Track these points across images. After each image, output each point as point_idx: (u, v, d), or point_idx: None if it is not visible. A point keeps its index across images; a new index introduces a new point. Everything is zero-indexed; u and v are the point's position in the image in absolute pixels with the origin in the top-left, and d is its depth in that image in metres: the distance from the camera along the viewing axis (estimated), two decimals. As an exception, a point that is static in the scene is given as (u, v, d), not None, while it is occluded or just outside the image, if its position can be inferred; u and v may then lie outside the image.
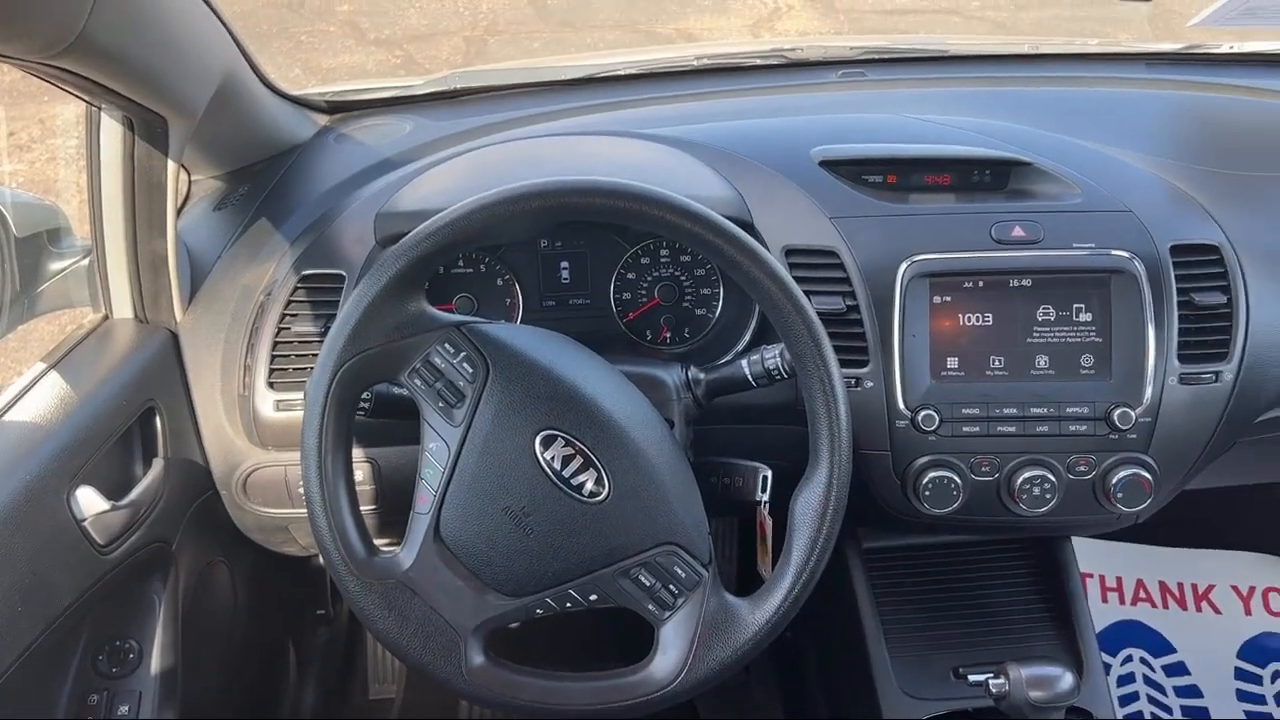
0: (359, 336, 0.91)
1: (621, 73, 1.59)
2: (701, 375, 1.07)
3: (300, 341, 1.18)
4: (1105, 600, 1.85)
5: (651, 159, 1.26)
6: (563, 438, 0.91)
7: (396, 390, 0.98)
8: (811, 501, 0.93)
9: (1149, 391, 1.15)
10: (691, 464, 1.07)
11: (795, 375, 0.96)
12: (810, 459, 0.95)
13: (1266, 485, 1.58)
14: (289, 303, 1.19)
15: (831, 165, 1.25)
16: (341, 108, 1.54)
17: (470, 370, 0.91)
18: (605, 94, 1.54)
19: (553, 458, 0.90)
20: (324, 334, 0.93)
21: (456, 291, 1.25)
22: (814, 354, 0.93)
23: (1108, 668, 1.76)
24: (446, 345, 0.92)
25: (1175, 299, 1.16)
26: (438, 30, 5.77)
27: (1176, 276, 1.16)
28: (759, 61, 1.62)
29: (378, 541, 0.97)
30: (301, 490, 0.93)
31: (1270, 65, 1.64)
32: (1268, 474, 1.50)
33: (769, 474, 1.04)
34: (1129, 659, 1.77)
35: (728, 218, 1.14)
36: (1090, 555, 1.86)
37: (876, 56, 1.62)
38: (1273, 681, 1.74)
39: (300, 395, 1.15)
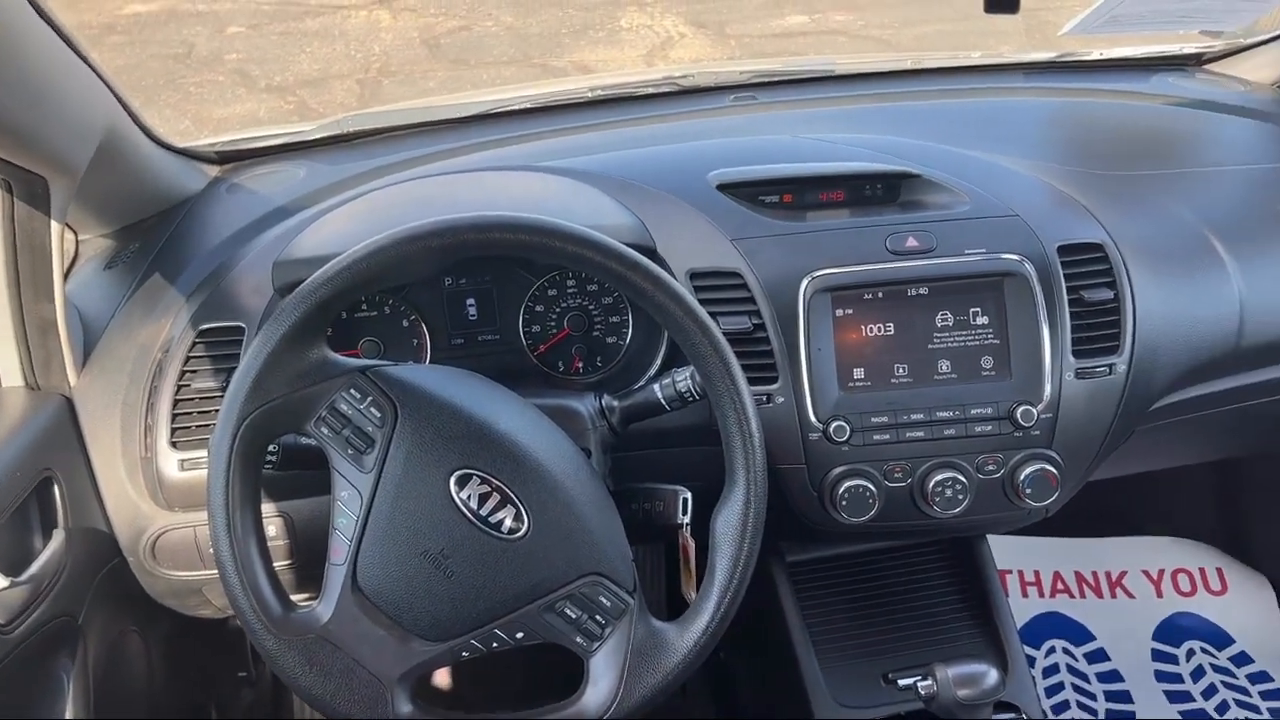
0: (260, 388, 0.89)
1: (516, 107, 1.60)
2: (615, 402, 1.07)
3: (202, 398, 1.15)
4: (1025, 595, 1.89)
5: (551, 191, 1.27)
6: (478, 476, 0.90)
7: (304, 440, 0.96)
8: (731, 520, 0.94)
9: (1048, 388, 1.19)
10: (611, 492, 1.07)
11: (707, 396, 0.97)
12: (726, 478, 0.95)
13: (1166, 470, 1.65)
14: (188, 359, 1.16)
15: (729, 188, 1.27)
16: (232, 157, 1.52)
17: (378, 415, 0.90)
18: (502, 129, 1.54)
19: (469, 497, 0.89)
20: (226, 389, 0.91)
21: (361, 336, 1.23)
22: (722, 374, 0.94)
23: (1033, 660, 1.80)
24: (352, 391, 0.91)
25: (1065, 297, 1.20)
26: (330, 74, 5.72)
27: (1065, 275, 1.21)
28: (652, 90, 1.64)
29: (298, 597, 0.95)
30: (212, 550, 0.90)
31: (1138, 69, 1.72)
32: (1165, 459, 1.56)
33: (689, 496, 1.05)
34: (1052, 650, 1.81)
35: (630, 245, 1.14)
36: (1008, 552, 1.91)
37: (767, 79, 1.66)
38: (1188, 660, 1.80)
39: (205, 453, 1.12)
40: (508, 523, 0.90)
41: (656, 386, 1.05)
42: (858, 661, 1.32)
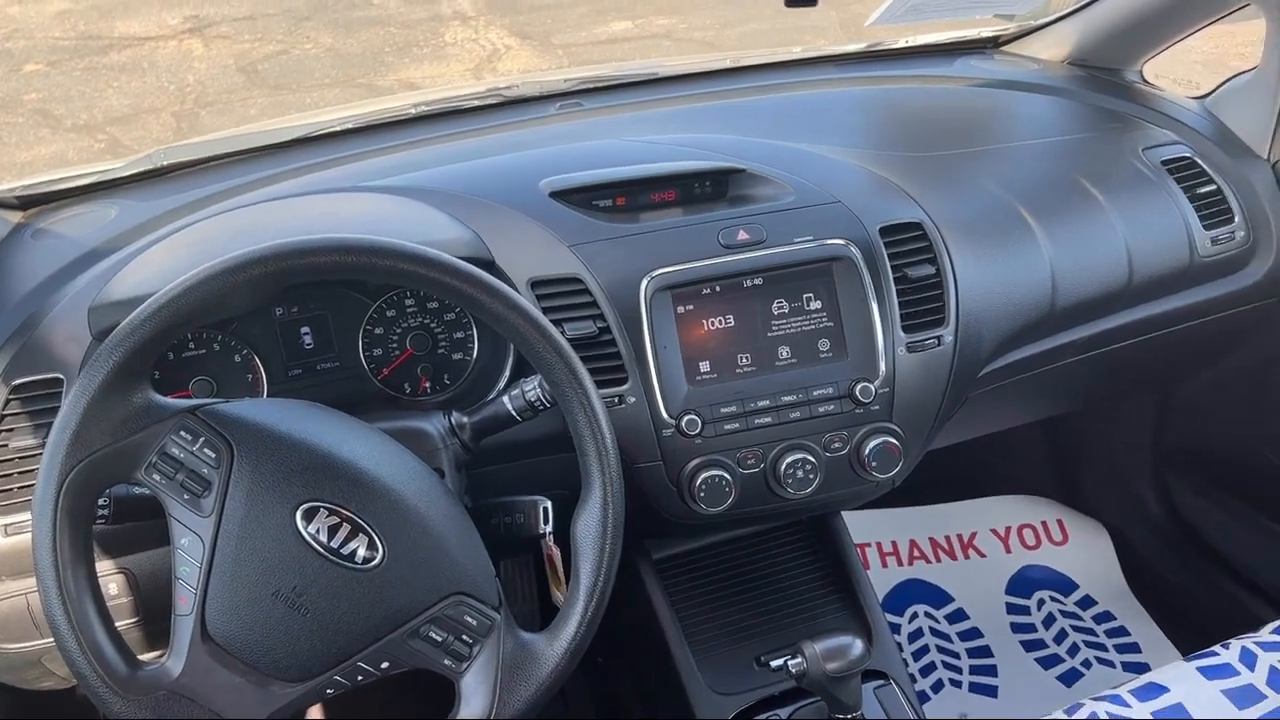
0: (81, 440, 0.84)
1: (339, 129, 1.56)
2: (465, 419, 1.06)
3: (21, 457, 1.08)
4: (885, 565, 1.96)
5: (381, 210, 1.24)
6: (325, 508, 0.87)
7: (137, 490, 0.91)
8: (590, 524, 0.94)
9: (883, 364, 1.24)
10: (470, 508, 1.06)
11: (558, 403, 0.97)
12: (583, 482, 0.96)
13: (1004, 432, 1.73)
14: (3, 418, 1.09)
15: (561, 195, 1.27)
16: (36, 201, 1.43)
17: (212, 455, 0.86)
18: (325, 152, 1.50)
19: (317, 530, 0.87)
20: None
21: (192, 375, 1.18)
22: (569, 379, 0.94)
23: (898, 627, 1.87)
24: (182, 433, 0.87)
25: (891, 276, 1.25)
26: (142, 109, 5.46)
27: (889, 255, 1.26)
28: (478, 102, 1.63)
29: (149, 654, 0.90)
30: (46, 616, 0.85)
31: (941, 54, 1.81)
32: (999, 421, 1.64)
33: (549, 505, 1.05)
34: (915, 616, 1.89)
35: (468, 258, 1.13)
36: (866, 525, 1.98)
37: (592, 85, 1.67)
38: (1039, 609, 1.90)
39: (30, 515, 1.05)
40: (361, 552, 0.87)
41: (506, 398, 1.04)
42: (731, 648, 1.34)
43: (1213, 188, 1.47)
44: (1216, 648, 1.30)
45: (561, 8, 6.84)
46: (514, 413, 1.04)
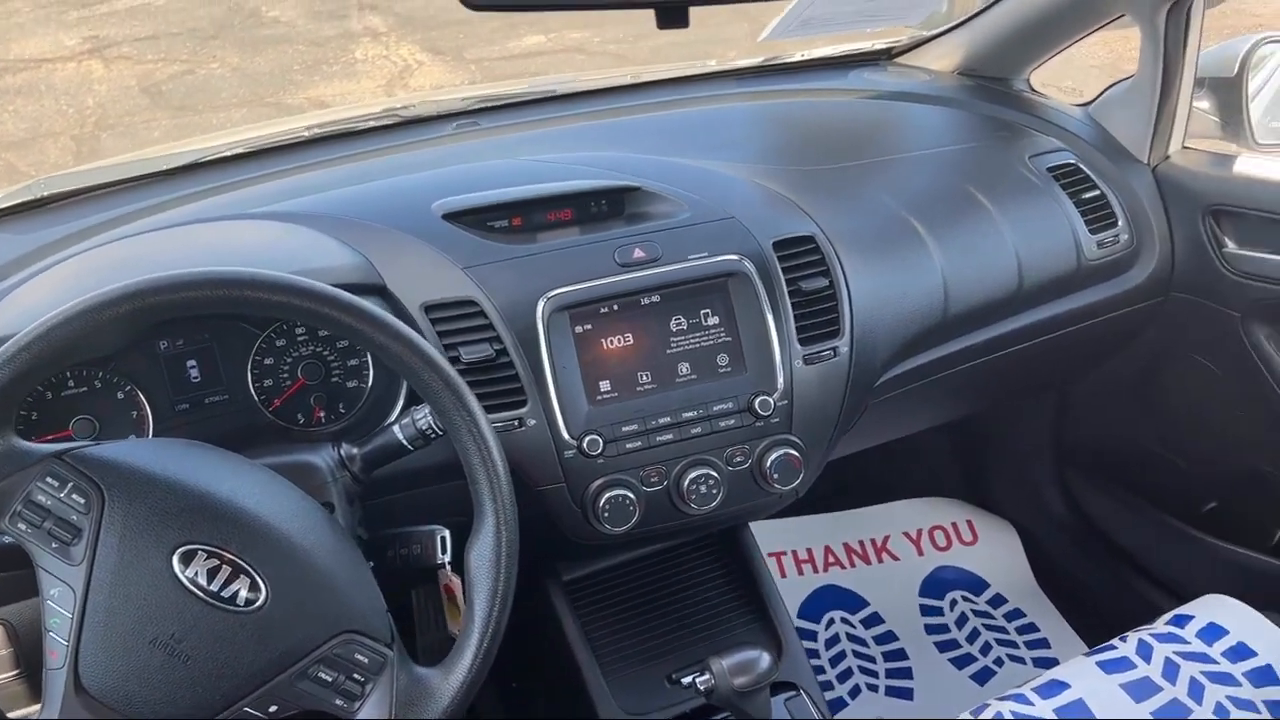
0: None
1: (229, 154, 1.53)
2: (355, 450, 1.04)
3: None
4: (801, 573, 1.98)
5: (266, 239, 1.22)
6: (203, 550, 0.84)
7: (4, 539, 0.87)
8: (484, 553, 0.93)
9: (780, 376, 1.25)
10: (366, 540, 1.04)
11: None
12: (475, 510, 0.94)
13: (912, 436, 1.76)
14: None
15: (455, 217, 1.26)
16: (-94, 236, 1.37)
17: (82, 501, 0.83)
18: (215, 178, 1.47)
19: (196, 574, 0.84)
20: None
21: (73, 415, 1.13)
22: (456, 407, 0.92)
23: (814, 635, 1.88)
24: (49, 479, 0.83)
25: (785, 289, 1.26)
26: (40, 133, 5.29)
27: (782, 269, 1.27)
28: (373, 123, 1.60)
29: (30, 709, 0.86)
30: None
31: (836, 67, 1.84)
32: (902, 428, 1.67)
33: (446, 535, 1.03)
34: (831, 622, 1.90)
35: (358, 284, 1.12)
36: (780, 534, 1.99)
37: (488, 104, 1.66)
38: (952, 609, 1.93)
39: None
40: (243, 594, 0.85)
41: (396, 427, 1.03)
42: (642, 667, 1.34)
43: (1096, 193, 1.52)
44: (1115, 641, 1.34)
45: (474, 23, 6.80)
46: (405, 442, 1.02)
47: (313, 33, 7.09)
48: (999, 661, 1.82)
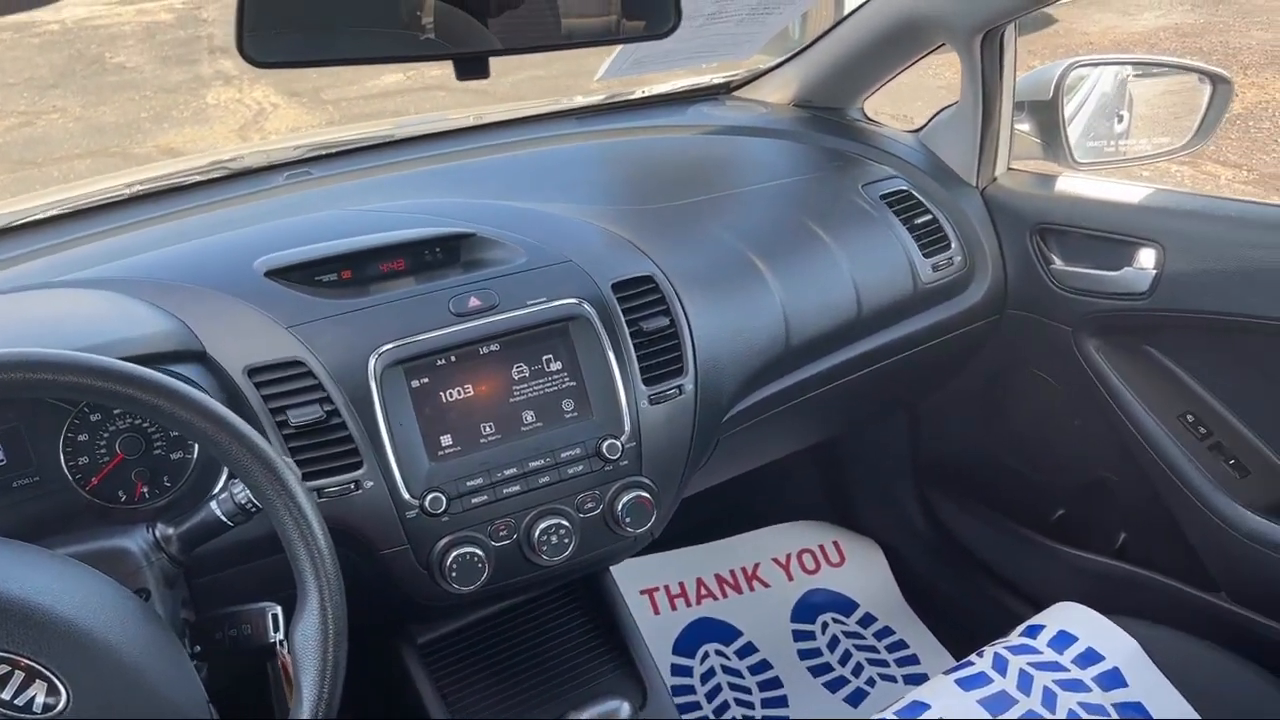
0: None
1: (41, 216, 1.44)
2: (171, 530, 0.98)
3: None
4: (674, 608, 1.97)
5: (70, 309, 1.15)
6: (-8, 656, 0.78)
7: None
8: (309, 632, 0.88)
9: (627, 418, 1.23)
10: (194, 623, 0.98)
11: None
12: (298, 587, 0.90)
13: (776, 462, 1.77)
14: None
15: (279, 274, 1.21)
16: None
17: None
18: (26, 243, 1.38)
19: (-16, 684, 0.77)
20: None
21: None
22: (269, 479, 0.88)
23: (690, 670, 1.87)
24: None
25: (627, 330, 1.25)
26: None
27: (623, 310, 1.26)
28: (199, 177, 1.54)
29: None
30: None
31: (677, 102, 1.85)
32: (762, 456, 1.68)
33: (278, 611, 0.98)
34: (706, 655, 1.89)
35: (176, 351, 1.06)
36: (651, 571, 1.98)
37: (321, 152, 1.61)
38: (824, 632, 1.94)
39: None
40: (40, 699, 0.78)
41: (214, 503, 0.97)
42: None
43: (929, 217, 1.56)
44: (973, 657, 1.36)
45: (330, 63, 6.69)
46: (224, 518, 0.97)
47: (161, 79, 6.87)
48: (871, 682, 1.84)
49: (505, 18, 0.90)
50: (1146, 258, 1.44)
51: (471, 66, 0.90)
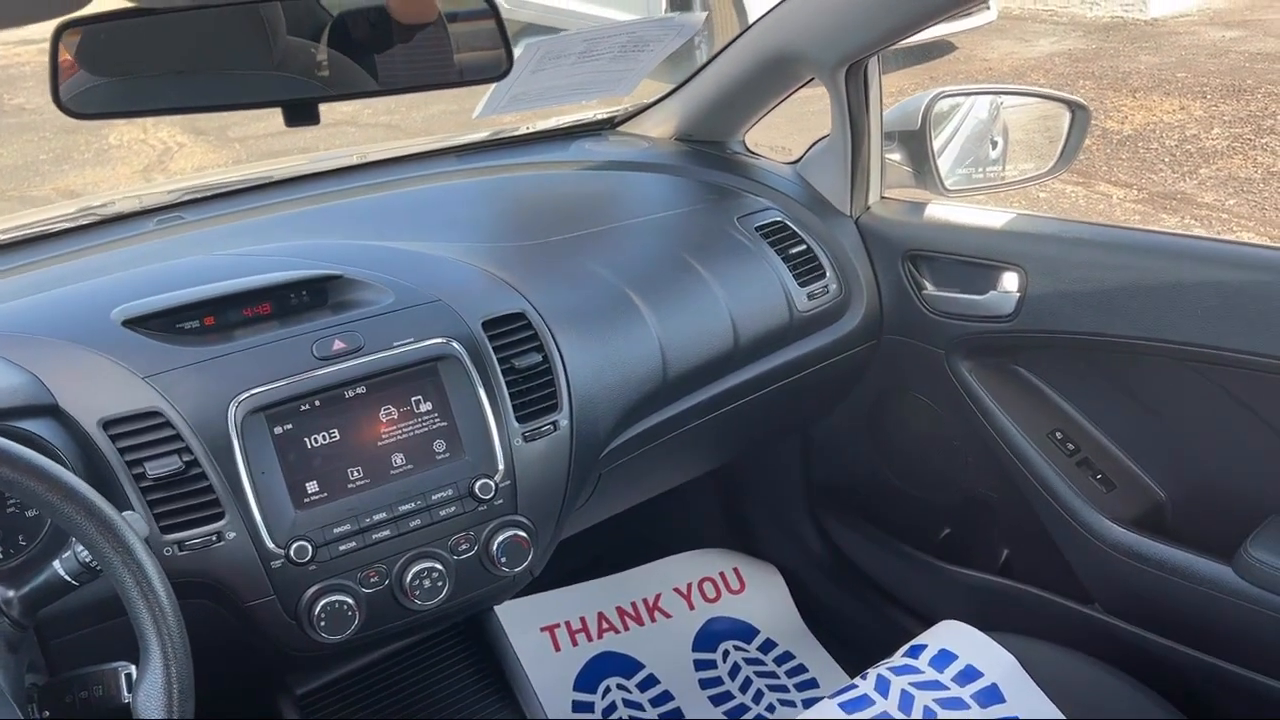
0: None
1: None
2: (11, 593, 0.95)
3: None
4: (575, 643, 1.95)
5: None
6: None
7: None
8: (153, 694, 0.86)
9: (500, 457, 1.23)
10: (44, 686, 0.95)
11: None
12: (140, 647, 0.87)
13: (676, 490, 1.78)
14: None
15: (137, 322, 1.19)
16: None
17: None
18: None
19: None
20: None
21: None
22: (105, 537, 0.86)
23: (592, 706, 1.86)
24: None
25: (499, 368, 1.25)
26: None
27: (494, 348, 1.26)
28: (65, 224, 1.51)
29: None
30: None
31: (560, 139, 1.86)
32: (644, 491, 1.68)
33: (133, 670, 0.95)
34: (608, 690, 1.88)
35: (22, 406, 1.04)
36: (550, 607, 1.96)
37: (195, 196, 1.59)
38: (725, 660, 1.95)
39: None
40: None
41: (58, 562, 0.94)
42: None
43: (804, 247, 1.58)
44: (857, 680, 1.38)
45: (237, 100, 6.60)
46: (68, 577, 0.94)
47: (62, 120, 6.68)
48: (771, 708, 1.85)
49: (337, 65, 0.90)
50: (1010, 281, 1.49)
51: (301, 112, 0.89)
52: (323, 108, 1.08)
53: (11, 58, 8.74)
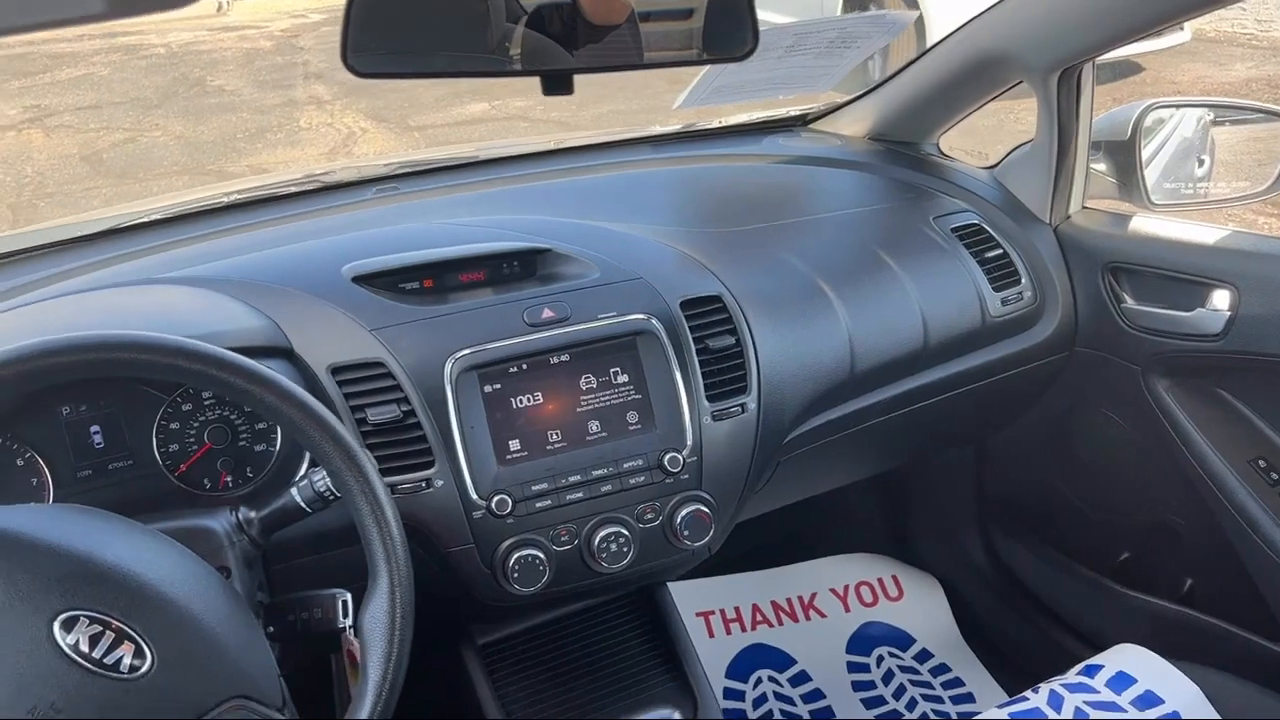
0: None
1: (147, 219, 1.53)
2: (253, 514, 1.03)
3: None
4: (730, 632, 1.98)
5: (170, 302, 1.22)
6: (86, 616, 0.83)
7: None
8: (378, 615, 0.93)
9: (690, 433, 1.26)
10: (267, 605, 1.03)
11: None
12: (370, 572, 0.94)
13: (836, 492, 1.78)
14: None
15: (365, 279, 1.27)
16: None
17: (-40, 569, 0.82)
18: (132, 243, 1.47)
19: (77, 641, 0.83)
20: None
21: None
22: (348, 466, 0.93)
23: (742, 694, 1.88)
24: None
25: (693, 347, 1.28)
26: (-26, 201, 5.24)
27: (690, 328, 1.29)
28: (293, 189, 1.62)
29: None
30: None
31: (752, 133, 1.89)
32: (816, 485, 1.69)
33: (349, 598, 1.02)
34: (759, 681, 1.90)
35: (264, 346, 1.12)
36: (707, 594, 1.99)
37: (409, 170, 1.68)
38: (878, 665, 1.93)
39: None
40: (127, 660, 0.84)
41: (295, 490, 1.02)
42: None
43: (1000, 252, 1.56)
44: (1028, 692, 1.35)
45: (418, 90, 6.89)
46: (303, 504, 1.02)
47: (257, 101, 7.13)
48: (924, 718, 1.82)
49: (589, 44, 0.95)
50: (1221, 299, 1.43)
51: (557, 82, 0.94)
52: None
53: (215, 43, 9.35)
